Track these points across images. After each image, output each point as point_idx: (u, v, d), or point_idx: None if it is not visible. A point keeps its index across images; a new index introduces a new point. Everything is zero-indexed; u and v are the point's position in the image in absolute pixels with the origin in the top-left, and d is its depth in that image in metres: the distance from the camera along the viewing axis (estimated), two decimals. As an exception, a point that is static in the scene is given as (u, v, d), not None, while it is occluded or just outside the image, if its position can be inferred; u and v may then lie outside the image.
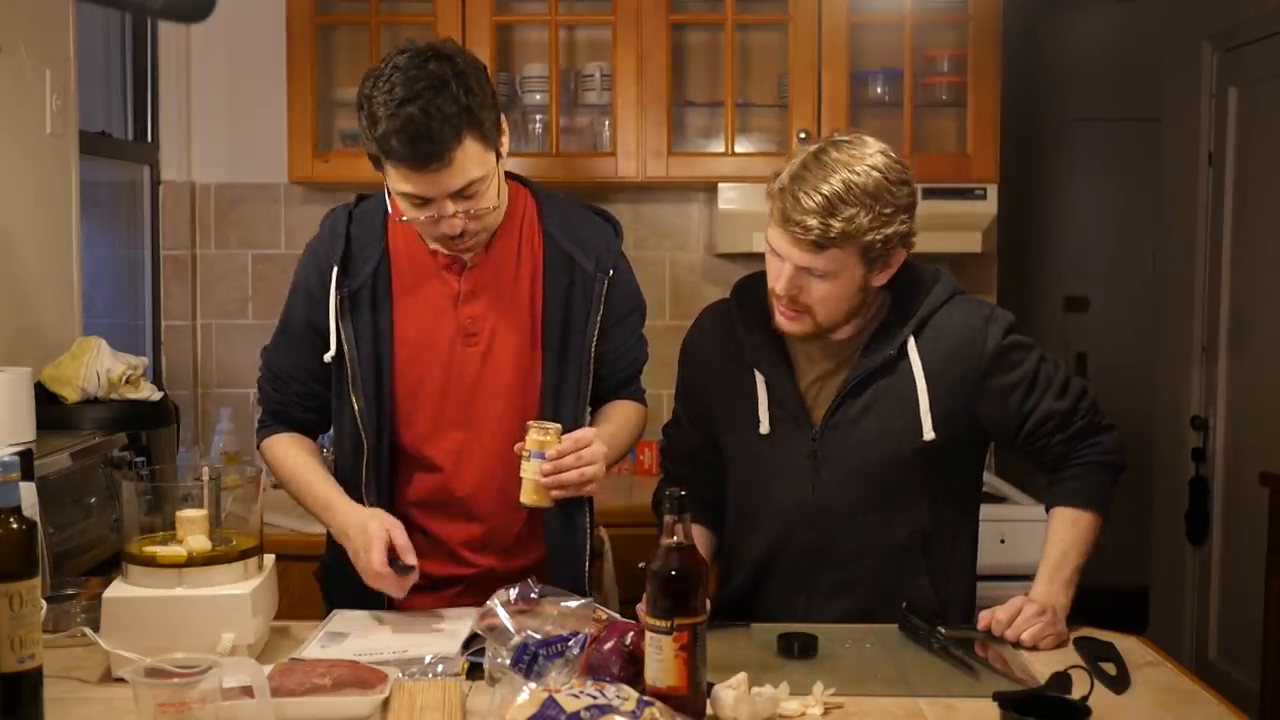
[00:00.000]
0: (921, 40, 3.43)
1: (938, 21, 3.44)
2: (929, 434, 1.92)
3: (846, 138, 1.89)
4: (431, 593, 2.03)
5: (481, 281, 2.02)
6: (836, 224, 1.80)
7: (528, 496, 1.89)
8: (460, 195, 1.87)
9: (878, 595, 1.96)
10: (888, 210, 1.82)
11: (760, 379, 1.99)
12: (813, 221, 1.80)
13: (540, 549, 2.06)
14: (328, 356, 2.00)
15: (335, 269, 1.99)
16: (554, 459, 1.86)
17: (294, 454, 2.07)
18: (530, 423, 1.89)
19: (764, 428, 1.98)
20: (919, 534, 1.96)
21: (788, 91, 3.33)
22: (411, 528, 1.97)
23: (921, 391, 1.92)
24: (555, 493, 1.88)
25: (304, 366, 2.05)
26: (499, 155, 1.92)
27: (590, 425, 2.05)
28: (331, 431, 2.11)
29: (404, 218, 1.92)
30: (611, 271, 2.06)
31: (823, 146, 1.87)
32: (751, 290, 2.02)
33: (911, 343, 1.93)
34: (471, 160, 1.85)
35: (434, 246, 2.00)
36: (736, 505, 2.07)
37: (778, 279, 1.88)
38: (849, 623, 1.92)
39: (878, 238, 1.83)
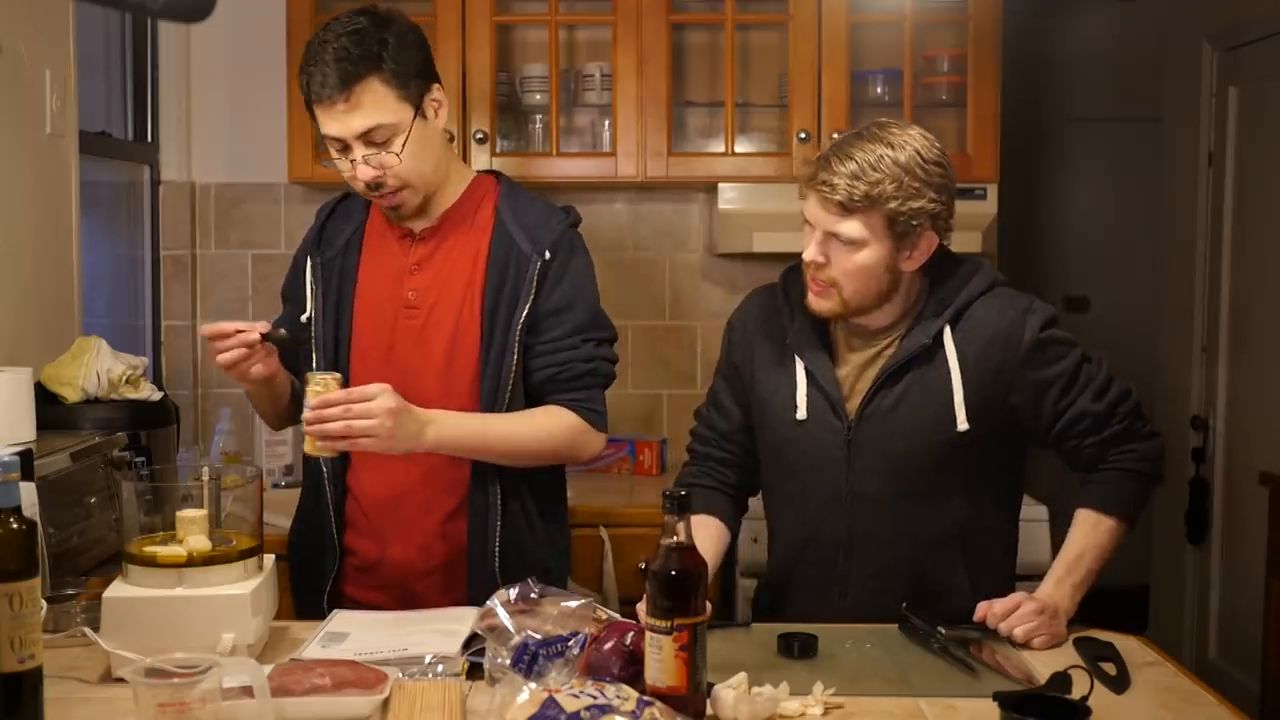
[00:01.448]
0: (921, 40, 3.43)
1: (938, 21, 3.44)
2: (963, 424, 1.92)
3: (892, 121, 1.95)
4: (367, 575, 2.11)
5: (427, 255, 2.10)
6: (862, 186, 1.84)
7: (307, 446, 1.90)
8: (368, 140, 1.97)
9: (913, 588, 1.95)
10: (916, 184, 1.86)
11: (800, 365, 2.00)
12: (839, 181, 1.85)
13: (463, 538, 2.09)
14: (304, 318, 2.12)
15: (313, 239, 2.17)
16: (315, 408, 1.86)
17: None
18: (308, 373, 1.92)
19: (801, 413, 1.99)
20: (956, 527, 1.96)
21: (788, 91, 3.33)
22: (353, 501, 2.12)
23: (956, 381, 1.92)
24: (322, 443, 1.88)
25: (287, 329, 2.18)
26: (421, 114, 2.01)
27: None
28: None
29: (333, 161, 2.03)
30: (549, 254, 2.07)
31: (868, 125, 1.93)
32: (798, 277, 2.03)
33: (947, 332, 1.94)
34: (378, 104, 1.96)
35: (382, 210, 2.11)
36: (772, 492, 2.08)
37: (807, 247, 1.92)
38: (882, 617, 1.91)
39: (903, 208, 1.85)
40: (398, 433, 1.89)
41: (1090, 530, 1.95)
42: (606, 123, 3.43)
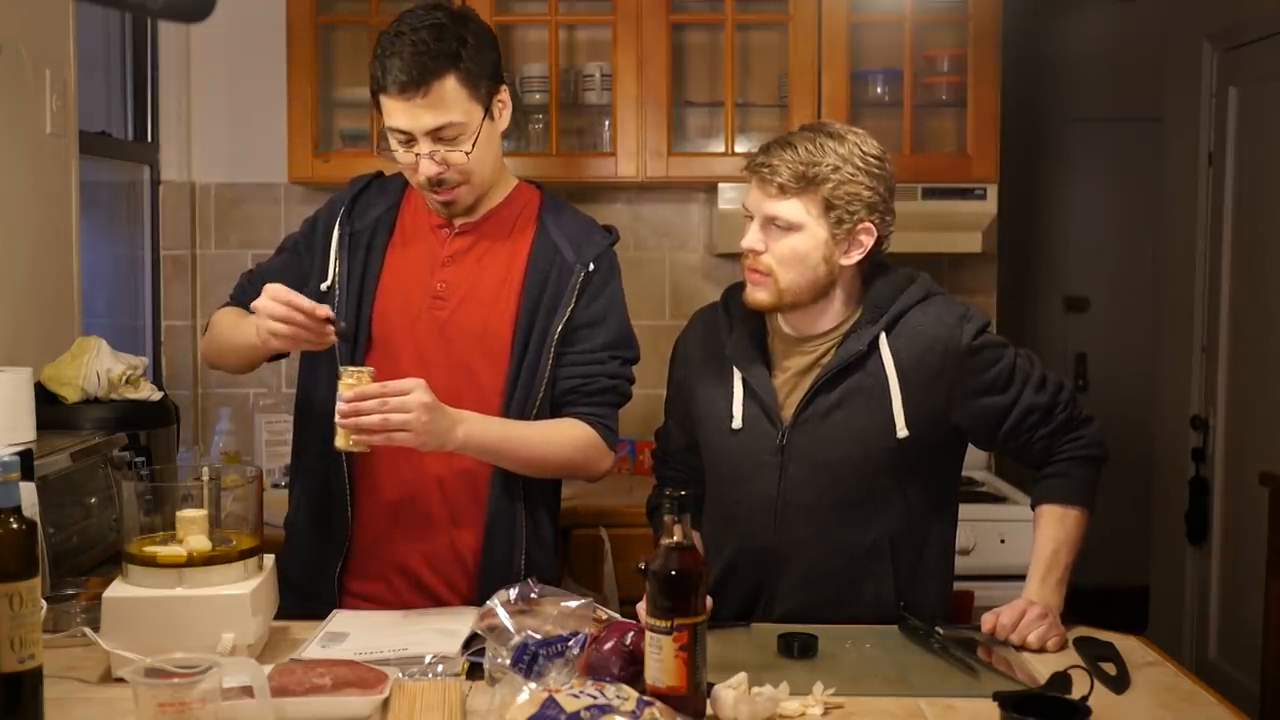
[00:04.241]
0: (921, 40, 3.43)
1: (938, 21, 3.44)
2: (902, 431, 1.92)
3: (835, 121, 2.04)
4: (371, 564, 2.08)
5: (463, 250, 2.09)
6: (801, 166, 1.89)
7: (339, 440, 1.86)
8: (437, 136, 1.96)
9: (834, 595, 1.96)
10: (854, 170, 1.90)
11: (738, 375, 2.01)
12: (779, 164, 1.90)
13: (478, 534, 2.06)
14: (323, 287, 2.08)
15: (344, 207, 2.12)
16: (350, 400, 1.83)
17: (236, 311, 2.13)
18: (341, 367, 1.88)
19: (736, 423, 2.00)
20: (886, 536, 1.96)
21: (788, 91, 3.33)
22: (365, 484, 2.07)
23: (894, 389, 1.93)
24: (357, 437, 1.84)
25: (276, 272, 2.14)
26: (490, 115, 2.01)
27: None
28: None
29: (391, 151, 2.01)
30: (592, 266, 2.06)
31: (811, 123, 2.01)
32: (738, 293, 2.04)
33: (883, 340, 1.94)
34: (450, 100, 1.95)
35: (430, 203, 2.08)
36: (712, 503, 2.08)
37: (746, 237, 1.95)
38: (797, 620, 1.91)
39: (840, 192, 1.89)
40: (432, 428, 1.87)
41: (1058, 524, 1.96)
42: (606, 123, 3.43)
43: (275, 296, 1.87)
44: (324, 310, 1.87)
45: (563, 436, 2.05)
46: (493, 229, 2.10)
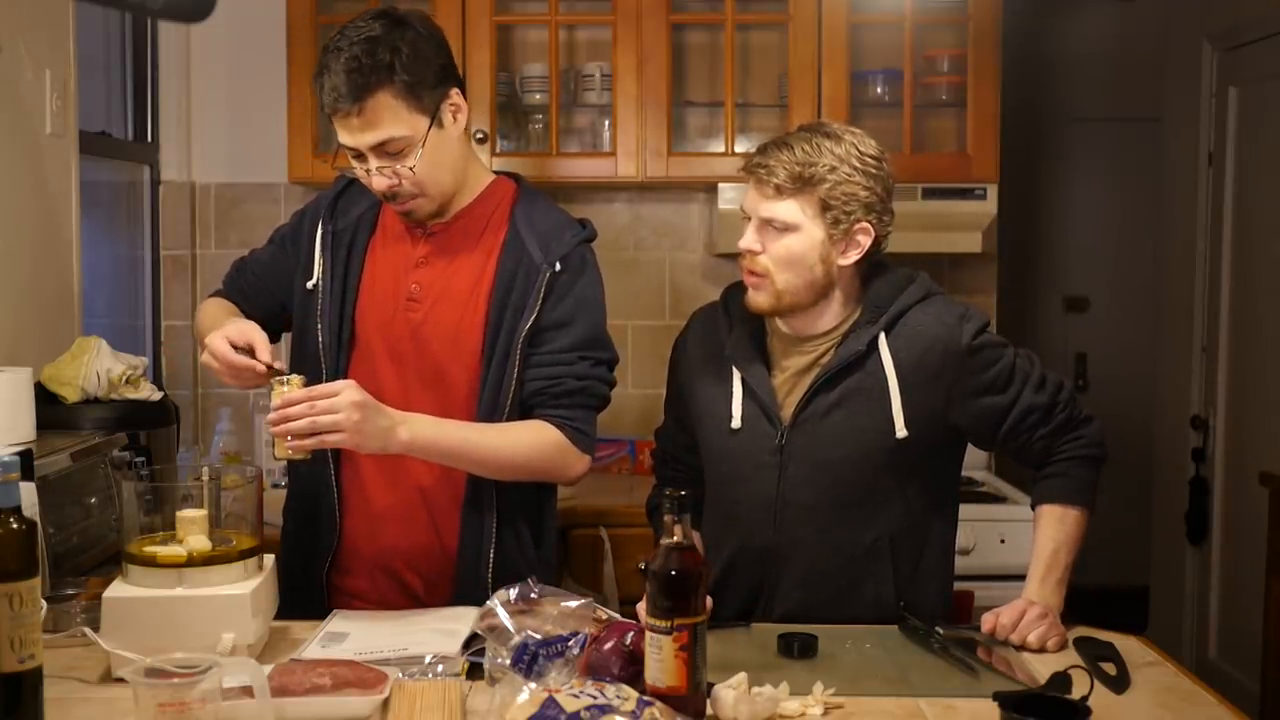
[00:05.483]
0: (921, 40, 3.43)
1: (938, 21, 3.44)
2: (901, 431, 1.92)
3: (833, 121, 2.04)
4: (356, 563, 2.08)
5: (435, 251, 2.07)
6: (797, 167, 1.88)
7: (277, 449, 1.85)
8: (382, 151, 1.94)
9: (834, 595, 1.96)
10: (850, 170, 1.90)
11: (737, 375, 2.01)
12: (774, 163, 1.90)
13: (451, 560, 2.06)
14: (309, 285, 2.09)
15: (328, 205, 2.13)
16: (278, 407, 1.81)
17: (219, 302, 2.17)
18: (272, 379, 1.87)
19: (735, 423, 2.00)
20: (886, 536, 1.96)
21: (788, 91, 3.33)
22: (352, 489, 2.07)
23: (893, 389, 1.93)
24: (293, 444, 1.82)
25: (263, 264, 2.19)
26: (438, 123, 1.96)
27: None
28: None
29: (350, 170, 2.01)
30: (558, 266, 2.02)
31: (808, 124, 2.00)
32: (739, 293, 2.04)
33: (883, 339, 1.94)
34: (387, 117, 1.91)
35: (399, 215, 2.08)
36: (712, 503, 2.08)
37: (743, 238, 1.96)
38: (797, 620, 1.91)
39: (837, 192, 1.89)
40: (365, 428, 1.83)
41: (1058, 524, 1.96)
42: (606, 123, 3.43)
43: (216, 351, 1.90)
44: (262, 366, 1.89)
45: (526, 439, 2.01)
46: (464, 229, 2.07)
